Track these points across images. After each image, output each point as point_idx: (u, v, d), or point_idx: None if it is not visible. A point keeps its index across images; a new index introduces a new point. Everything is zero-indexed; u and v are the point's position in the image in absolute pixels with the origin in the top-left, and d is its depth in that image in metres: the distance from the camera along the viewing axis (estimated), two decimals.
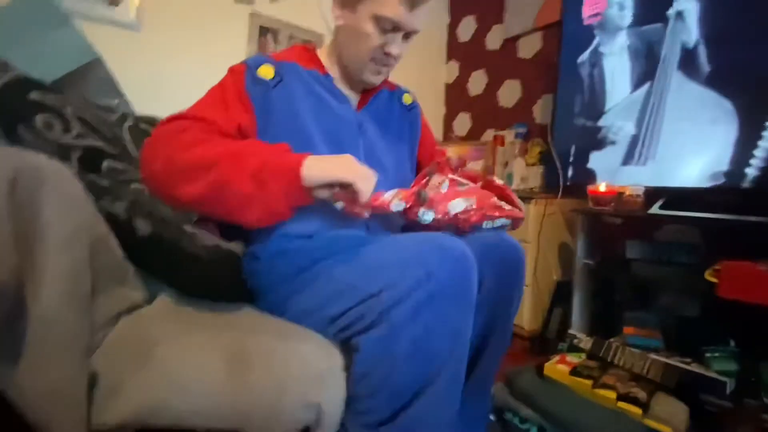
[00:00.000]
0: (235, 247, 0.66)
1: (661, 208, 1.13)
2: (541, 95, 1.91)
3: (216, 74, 1.79)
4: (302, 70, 0.80)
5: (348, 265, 0.66)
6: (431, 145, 1.04)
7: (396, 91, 0.97)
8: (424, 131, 1.00)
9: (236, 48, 1.75)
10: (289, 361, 0.60)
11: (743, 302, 0.90)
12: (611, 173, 1.32)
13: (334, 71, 0.85)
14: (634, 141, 1.27)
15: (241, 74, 0.74)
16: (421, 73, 2.33)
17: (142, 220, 0.61)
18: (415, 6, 0.71)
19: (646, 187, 1.19)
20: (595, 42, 1.39)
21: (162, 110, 1.38)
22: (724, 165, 1.10)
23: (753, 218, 0.95)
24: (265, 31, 1.79)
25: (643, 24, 1.28)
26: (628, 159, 1.28)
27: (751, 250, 0.96)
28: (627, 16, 1.31)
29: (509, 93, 2.08)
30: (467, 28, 2.33)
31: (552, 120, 1.59)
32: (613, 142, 1.33)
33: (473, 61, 2.29)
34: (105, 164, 1.01)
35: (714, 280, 0.92)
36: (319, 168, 0.60)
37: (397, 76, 1.04)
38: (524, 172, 1.67)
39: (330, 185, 0.62)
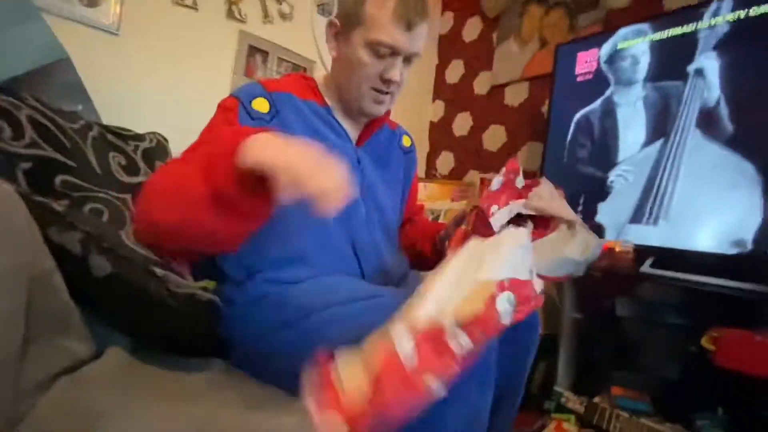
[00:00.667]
0: (213, 295, 0.55)
1: (651, 266, 1.13)
2: (526, 142, 1.95)
3: (197, 88, 1.70)
4: (298, 101, 0.74)
5: (345, 325, 0.56)
6: (414, 197, 1.00)
7: (397, 131, 0.94)
8: (414, 179, 0.97)
9: (222, 65, 1.67)
10: None
11: (734, 370, 0.89)
12: (617, 229, 1.28)
13: (333, 103, 0.79)
14: (644, 198, 1.24)
15: (234, 110, 0.67)
16: (407, 109, 2.34)
17: (100, 257, 0.50)
18: (412, 26, 0.67)
19: (635, 244, 1.18)
20: (608, 92, 1.39)
21: (134, 122, 1.27)
22: (740, 231, 1.05)
23: (749, 285, 0.95)
24: (254, 51, 1.72)
25: (660, 79, 1.27)
26: (638, 216, 1.24)
27: (744, 317, 0.96)
28: (641, 70, 1.31)
29: (494, 137, 2.11)
30: (455, 71, 2.38)
31: (541, 168, 1.60)
32: (620, 196, 1.30)
33: (459, 103, 2.33)
34: (59, 179, 0.88)
35: (711, 347, 0.90)
36: (264, 143, 0.45)
37: None
38: None
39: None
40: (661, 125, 1.24)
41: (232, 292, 0.70)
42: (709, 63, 1.17)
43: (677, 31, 1.24)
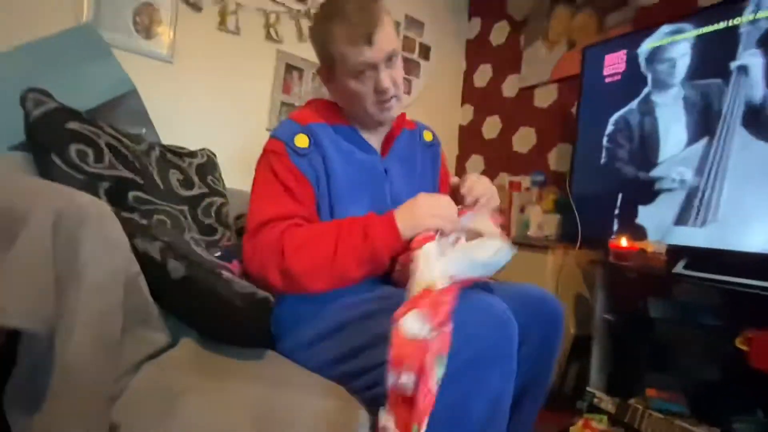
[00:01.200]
0: (268, 293, 0.65)
1: (685, 267, 1.12)
2: (556, 143, 1.94)
3: (241, 105, 1.84)
4: (330, 128, 0.82)
5: (382, 317, 0.64)
6: (446, 183, 1.04)
7: (416, 129, 0.98)
8: (443, 169, 1.01)
9: (262, 83, 1.80)
10: (317, 424, 0.56)
11: None
12: (662, 231, 1.26)
13: (354, 122, 0.86)
14: (690, 199, 1.22)
15: (284, 153, 0.75)
16: (436, 114, 2.39)
17: (176, 262, 0.60)
18: (371, 39, 0.71)
19: (668, 245, 1.18)
20: (645, 91, 1.37)
21: (188, 139, 1.41)
22: None
23: None
24: (290, 69, 1.85)
25: (701, 77, 1.24)
26: (683, 218, 1.22)
27: None
28: (681, 69, 1.28)
29: (524, 139, 2.12)
30: (483, 75, 2.41)
31: (571, 169, 1.61)
32: (664, 198, 1.28)
33: (488, 107, 2.35)
34: (131, 195, 1.02)
35: (745, 348, 0.90)
36: (410, 220, 0.68)
37: (415, 113, 1.06)
38: (540, 219, 1.67)
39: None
40: (704, 124, 1.22)
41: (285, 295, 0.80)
42: (752, 60, 1.13)
43: (715, 27, 1.21)
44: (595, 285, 1.34)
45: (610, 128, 1.45)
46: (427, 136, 0.98)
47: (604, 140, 1.46)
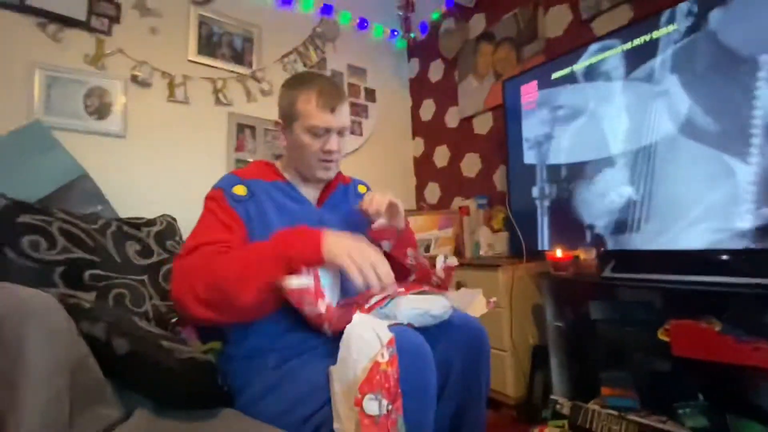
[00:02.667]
0: (209, 355, 0.70)
1: (613, 270, 1.23)
2: (499, 165, 2.09)
3: (198, 168, 1.93)
4: (266, 183, 0.92)
5: (313, 365, 0.70)
6: None
7: (351, 184, 1.08)
8: None
9: (216, 144, 1.90)
10: None
11: (688, 358, 0.97)
12: (600, 237, 1.33)
13: (293, 178, 0.96)
14: (624, 205, 1.29)
15: (222, 198, 0.84)
16: (391, 148, 2.55)
17: (120, 339, 0.66)
18: (335, 110, 0.86)
19: (597, 250, 1.29)
20: (560, 112, 1.50)
21: (148, 207, 1.48)
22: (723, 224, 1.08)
23: (700, 278, 1.04)
24: (243, 128, 1.95)
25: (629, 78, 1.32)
26: (620, 225, 1.29)
27: (698, 305, 1.05)
28: (599, 87, 1.39)
29: (470, 165, 2.27)
30: (428, 109, 2.58)
31: (508, 189, 1.74)
32: (599, 206, 1.36)
33: (436, 138, 2.51)
34: (87, 274, 1.07)
35: (666, 339, 0.99)
36: (337, 244, 0.70)
37: (372, 150, 1.13)
38: (491, 239, 1.78)
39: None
40: (628, 132, 1.32)
41: (232, 350, 0.85)
42: (664, 74, 1.24)
43: (604, 54, 1.39)
44: (544, 295, 1.43)
45: (531, 149, 1.60)
46: (362, 189, 1.08)
47: (529, 160, 1.60)
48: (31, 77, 1.46)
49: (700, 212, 1.14)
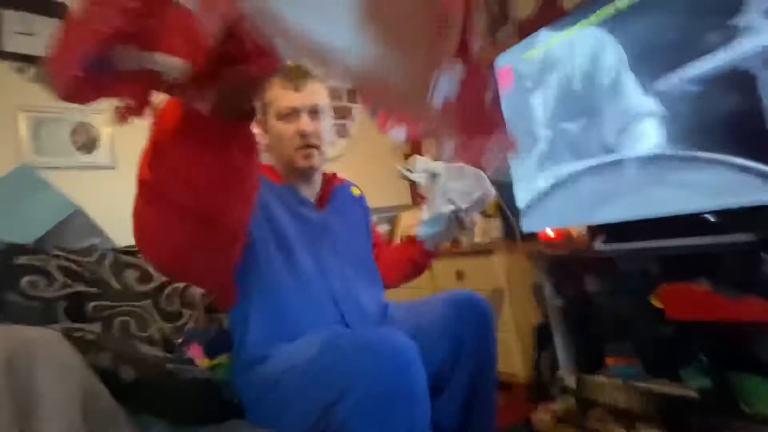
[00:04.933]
0: (217, 370, 0.73)
1: (604, 243, 1.24)
2: None
3: None
4: (273, 184, 0.91)
5: (308, 376, 0.68)
6: (376, 233, 1.16)
7: (345, 185, 1.08)
8: (370, 219, 1.12)
9: None
10: None
11: (683, 320, 0.99)
12: (587, 213, 1.31)
13: (290, 180, 0.95)
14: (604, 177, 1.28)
15: None
16: (379, 146, 2.57)
17: (126, 366, 0.68)
18: (299, 87, 0.83)
19: (588, 225, 1.31)
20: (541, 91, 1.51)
21: None
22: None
23: (685, 241, 1.05)
24: None
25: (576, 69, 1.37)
26: (603, 196, 1.28)
27: (689, 268, 1.07)
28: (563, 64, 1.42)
29: None
30: None
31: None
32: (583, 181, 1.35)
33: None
34: (89, 306, 1.09)
35: (660, 305, 1.01)
36: None
37: (360, 150, 1.10)
38: (484, 225, 1.80)
39: None
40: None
41: (236, 363, 0.88)
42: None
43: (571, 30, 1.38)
44: (543, 275, 1.45)
45: (516, 132, 1.61)
46: (355, 192, 1.09)
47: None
48: (15, 121, 1.49)
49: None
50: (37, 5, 1.57)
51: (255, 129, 0.92)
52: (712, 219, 1.12)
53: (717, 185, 1.03)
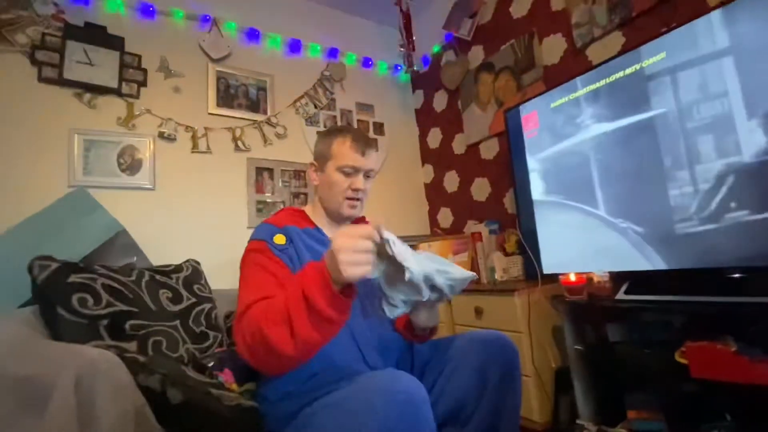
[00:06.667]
0: (245, 396, 0.76)
1: (626, 292, 1.26)
2: (508, 189, 2.15)
3: (219, 212, 2.04)
4: (299, 230, 0.99)
5: (325, 412, 0.71)
6: None
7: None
8: None
9: (238, 188, 2.01)
10: None
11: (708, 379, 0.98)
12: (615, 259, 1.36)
13: (321, 222, 1.05)
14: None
15: (267, 249, 0.89)
16: (403, 176, 2.65)
17: (174, 389, 0.73)
18: (365, 153, 0.99)
19: (609, 272, 1.32)
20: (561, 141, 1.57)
21: (175, 252, 1.57)
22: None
23: (709, 298, 1.06)
24: (261, 171, 2.07)
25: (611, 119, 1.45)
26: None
27: (715, 324, 1.07)
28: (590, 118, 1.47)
29: (480, 189, 2.33)
30: (435, 137, 2.68)
31: (517, 212, 1.79)
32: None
33: (445, 164, 2.60)
34: (128, 324, 1.15)
35: (685, 361, 1.01)
36: (335, 272, 0.65)
37: (385, 181, 1.15)
38: (504, 264, 1.82)
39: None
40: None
41: (267, 391, 0.91)
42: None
43: (606, 80, 1.45)
44: (564, 318, 1.46)
45: (536, 174, 1.66)
46: None
47: (535, 189, 1.66)
48: (70, 142, 1.60)
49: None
50: (96, 38, 1.72)
51: (310, 170, 1.02)
52: (738, 276, 1.13)
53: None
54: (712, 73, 1.17)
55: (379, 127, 2.60)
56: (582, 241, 1.48)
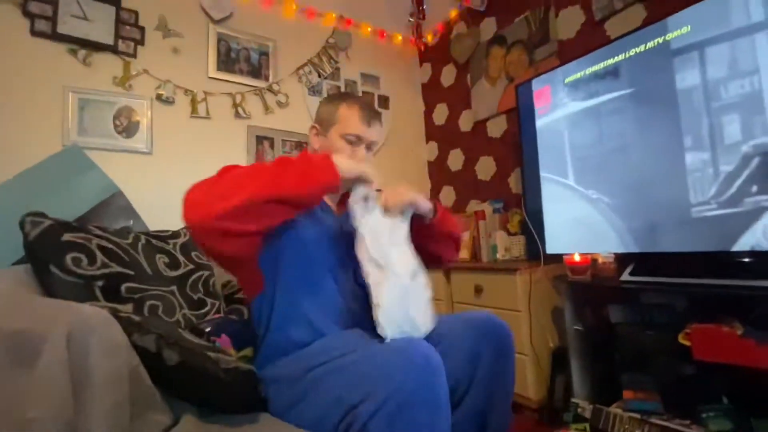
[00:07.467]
0: (242, 361, 0.75)
1: (631, 273, 1.24)
2: (514, 168, 2.11)
3: None
4: None
5: (334, 376, 0.71)
6: None
7: None
8: None
9: (237, 156, 1.96)
10: None
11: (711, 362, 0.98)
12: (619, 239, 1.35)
13: None
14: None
15: None
16: (405, 153, 2.58)
17: (170, 350, 0.71)
18: (371, 124, 0.96)
19: (615, 253, 1.30)
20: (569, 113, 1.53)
21: (172, 219, 1.53)
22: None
23: (716, 281, 1.04)
24: (261, 140, 2.01)
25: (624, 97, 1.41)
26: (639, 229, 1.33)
27: (720, 307, 1.05)
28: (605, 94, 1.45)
29: (485, 168, 2.29)
30: (441, 113, 2.61)
31: (523, 192, 1.75)
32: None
33: (449, 141, 2.54)
34: (123, 287, 1.13)
35: (687, 343, 1.00)
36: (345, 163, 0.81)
37: (386, 156, 1.14)
38: (507, 243, 1.80)
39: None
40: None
41: (265, 356, 0.90)
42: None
43: (618, 58, 1.40)
44: (564, 298, 1.45)
45: (545, 151, 1.61)
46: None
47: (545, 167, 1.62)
48: (64, 100, 1.54)
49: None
50: None
51: (311, 133, 0.98)
52: (747, 260, 1.11)
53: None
54: (743, 49, 1.11)
55: (384, 101, 2.52)
56: (588, 222, 1.45)
